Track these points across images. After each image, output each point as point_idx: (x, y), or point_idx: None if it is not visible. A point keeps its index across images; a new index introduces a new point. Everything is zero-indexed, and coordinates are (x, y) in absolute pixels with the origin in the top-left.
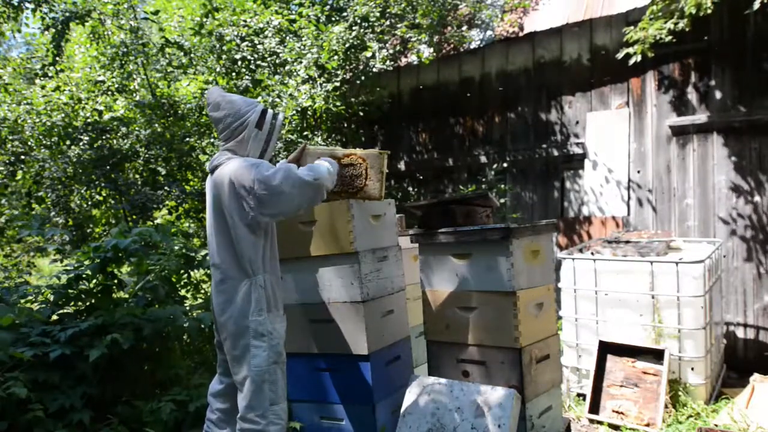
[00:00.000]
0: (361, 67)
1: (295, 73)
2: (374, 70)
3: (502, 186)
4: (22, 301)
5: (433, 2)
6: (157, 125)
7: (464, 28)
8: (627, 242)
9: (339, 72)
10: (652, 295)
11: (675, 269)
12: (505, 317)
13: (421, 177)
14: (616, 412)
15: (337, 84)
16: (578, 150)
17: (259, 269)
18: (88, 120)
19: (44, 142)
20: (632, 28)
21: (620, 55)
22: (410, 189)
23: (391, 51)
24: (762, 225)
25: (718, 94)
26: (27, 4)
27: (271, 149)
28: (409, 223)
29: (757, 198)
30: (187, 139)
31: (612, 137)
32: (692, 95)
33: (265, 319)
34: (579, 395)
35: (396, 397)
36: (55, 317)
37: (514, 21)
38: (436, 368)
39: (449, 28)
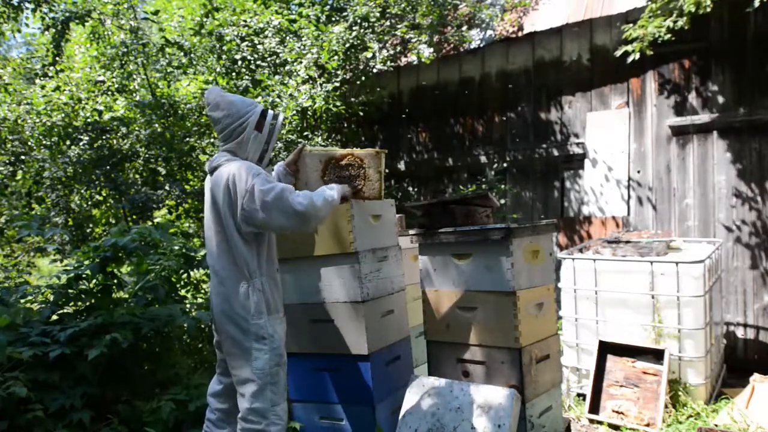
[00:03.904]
0: (361, 67)
1: (295, 73)
2: (374, 70)
3: (502, 186)
4: (22, 301)
5: (433, 2)
6: (157, 125)
7: (464, 28)
8: (627, 242)
9: (339, 72)
10: (652, 295)
11: (675, 269)
12: (505, 317)
13: (421, 177)
14: (616, 412)
15: (337, 84)
16: (578, 150)
17: (256, 272)
18: (88, 120)
19: (44, 142)
20: (631, 25)
21: (619, 53)
22: (410, 189)
23: (391, 51)
24: (763, 225)
25: (718, 94)
26: (27, 4)
27: (270, 151)
28: (409, 223)
29: (757, 198)
30: (187, 139)
31: (612, 137)
32: (692, 95)
33: (265, 322)
34: (579, 395)
35: (396, 397)
36: (55, 317)
37: (514, 21)
38: (436, 368)
39: (449, 28)
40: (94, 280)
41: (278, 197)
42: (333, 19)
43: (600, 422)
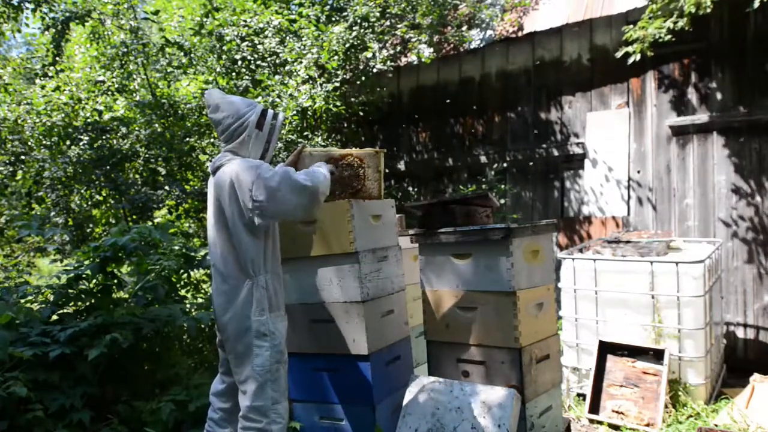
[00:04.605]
0: (361, 67)
1: (295, 73)
2: (374, 70)
3: (502, 186)
4: (22, 301)
5: (433, 2)
6: (157, 125)
7: (464, 28)
8: (627, 242)
9: (339, 72)
10: (652, 295)
11: (675, 269)
12: (505, 317)
13: (421, 177)
14: (616, 412)
15: (337, 84)
16: (578, 150)
17: (260, 270)
18: (88, 120)
19: (44, 142)
20: (631, 27)
21: (619, 54)
22: (410, 189)
23: (391, 51)
24: (763, 225)
25: (718, 94)
26: (27, 4)
27: (272, 149)
28: (409, 223)
29: (757, 198)
30: (187, 139)
31: (612, 137)
32: (692, 95)
33: (267, 319)
34: (579, 395)
35: (396, 397)
36: (55, 317)
37: (514, 21)
38: (436, 368)
39: (449, 28)
40: (94, 280)
41: (283, 179)
42: (333, 19)
43: (600, 422)
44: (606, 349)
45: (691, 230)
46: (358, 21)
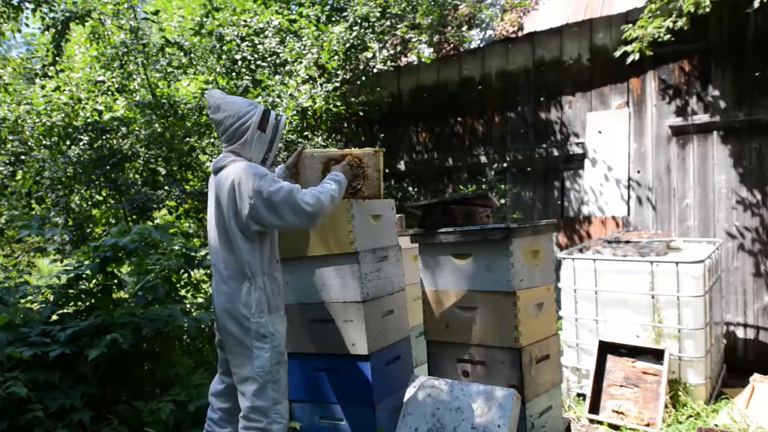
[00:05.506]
0: (361, 67)
1: (295, 73)
2: (374, 70)
3: (502, 186)
4: (22, 301)
5: (433, 2)
6: (157, 125)
7: (464, 28)
8: (627, 242)
9: (339, 72)
10: (652, 295)
11: (675, 269)
12: (505, 317)
13: (421, 177)
14: (616, 412)
15: (338, 84)
16: (578, 150)
17: (258, 271)
18: (88, 120)
19: (44, 142)
20: (631, 26)
21: (618, 53)
22: (410, 189)
23: (391, 51)
24: (763, 225)
25: (718, 94)
26: (27, 4)
27: (274, 151)
28: (409, 223)
29: (757, 198)
30: (187, 139)
31: (612, 137)
32: (692, 95)
33: (266, 320)
34: (579, 395)
35: (396, 397)
36: (55, 317)
37: (514, 21)
38: (436, 368)
39: (449, 28)
40: (94, 280)
41: (286, 197)
42: (333, 19)
43: (600, 422)
44: (606, 349)
45: (691, 230)
46: (358, 21)
